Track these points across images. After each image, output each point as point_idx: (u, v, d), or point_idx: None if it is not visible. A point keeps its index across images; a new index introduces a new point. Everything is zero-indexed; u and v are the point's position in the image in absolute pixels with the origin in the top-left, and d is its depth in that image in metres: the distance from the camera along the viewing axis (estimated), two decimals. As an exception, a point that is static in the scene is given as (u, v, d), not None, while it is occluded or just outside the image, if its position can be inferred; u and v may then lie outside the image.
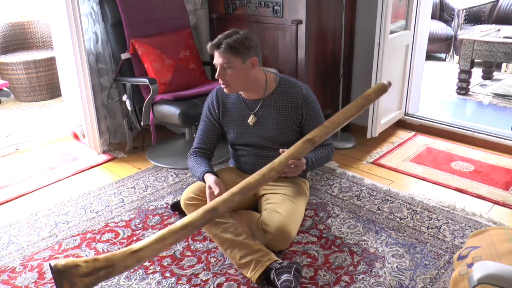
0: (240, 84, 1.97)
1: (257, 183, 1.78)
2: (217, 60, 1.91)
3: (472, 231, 2.11)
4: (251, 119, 2.07)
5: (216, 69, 1.94)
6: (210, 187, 1.88)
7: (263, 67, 2.09)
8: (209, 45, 1.93)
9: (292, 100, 2.04)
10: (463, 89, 4.39)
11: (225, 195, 1.75)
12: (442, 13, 5.88)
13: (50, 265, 1.44)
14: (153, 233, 2.15)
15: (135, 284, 1.83)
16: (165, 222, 2.26)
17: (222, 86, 1.98)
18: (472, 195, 2.50)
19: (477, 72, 4.77)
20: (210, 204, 1.72)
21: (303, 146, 1.84)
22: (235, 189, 1.75)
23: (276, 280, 1.72)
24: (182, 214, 2.22)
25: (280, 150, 1.86)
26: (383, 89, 1.94)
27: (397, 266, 1.90)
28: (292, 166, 1.83)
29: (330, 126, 1.89)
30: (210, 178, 1.91)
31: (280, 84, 2.06)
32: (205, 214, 1.68)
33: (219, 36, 1.91)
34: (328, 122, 1.89)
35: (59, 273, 1.42)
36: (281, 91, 2.05)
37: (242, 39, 1.88)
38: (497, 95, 4.31)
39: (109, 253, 1.55)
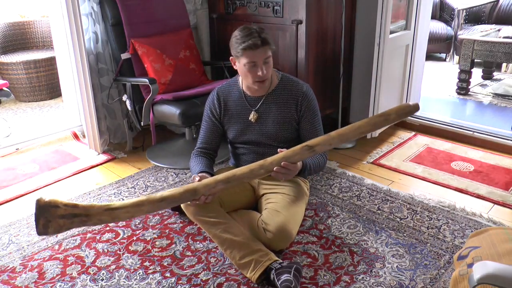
0: (270, 74, 2.01)
1: (243, 176, 1.78)
2: (259, 57, 1.91)
3: (472, 231, 2.11)
4: (252, 116, 2.08)
5: (252, 66, 1.92)
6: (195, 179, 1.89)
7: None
8: (250, 44, 1.88)
9: (293, 97, 2.06)
10: (463, 89, 4.39)
11: (209, 179, 1.79)
12: (442, 13, 5.88)
13: (36, 199, 1.56)
14: (153, 233, 2.17)
15: (135, 284, 1.83)
16: (165, 222, 2.26)
17: (260, 83, 1.97)
18: (472, 195, 2.50)
19: (477, 72, 4.77)
20: (192, 184, 1.78)
21: (300, 151, 1.79)
22: (220, 176, 1.78)
23: (276, 280, 1.72)
24: (182, 214, 2.22)
25: (279, 150, 1.84)
26: (407, 111, 1.77)
27: (397, 266, 1.90)
28: (284, 168, 1.78)
29: (336, 137, 1.77)
30: (196, 177, 1.92)
31: (282, 81, 2.09)
32: (185, 192, 1.73)
33: (254, 34, 1.89)
34: (335, 133, 1.78)
35: (39, 208, 1.54)
36: (283, 88, 2.08)
37: (267, 32, 1.97)
38: (497, 95, 4.31)
39: (89, 204, 1.66)
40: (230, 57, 2.05)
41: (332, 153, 2.96)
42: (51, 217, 1.54)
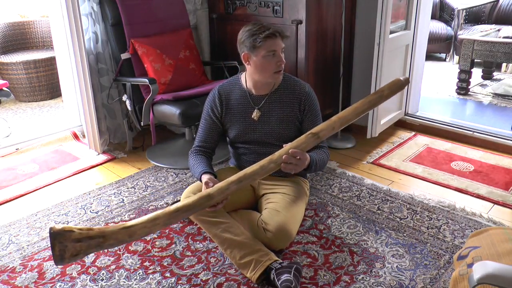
0: None
1: (255, 173, 1.78)
2: (278, 46, 1.95)
3: (472, 231, 2.11)
4: (255, 114, 2.08)
5: (273, 55, 1.94)
6: (207, 184, 1.88)
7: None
8: (271, 32, 1.91)
9: (295, 96, 2.07)
10: (463, 89, 4.39)
11: (221, 183, 1.78)
12: (442, 13, 5.88)
13: (50, 227, 1.51)
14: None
15: (135, 284, 1.83)
16: (165, 222, 2.26)
17: (278, 72, 1.99)
18: (472, 195, 2.50)
19: (477, 72, 4.77)
20: (206, 190, 1.77)
21: (306, 140, 1.82)
22: (232, 178, 1.77)
23: (276, 280, 1.72)
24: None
25: (284, 145, 1.85)
26: (399, 85, 1.87)
27: (397, 266, 1.90)
28: (295, 157, 1.77)
29: (337, 121, 1.85)
30: (205, 177, 1.93)
31: (284, 80, 2.10)
32: (200, 200, 1.72)
33: (267, 26, 1.94)
34: (336, 117, 1.85)
35: (53, 235, 1.49)
36: (286, 87, 2.09)
37: None
38: (497, 95, 4.31)
39: (104, 227, 1.61)
40: (243, 54, 2.00)
41: (332, 153, 2.96)
42: (66, 241, 1.49)
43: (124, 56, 2.89)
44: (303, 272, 1.83)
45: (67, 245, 1.49)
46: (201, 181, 1.97)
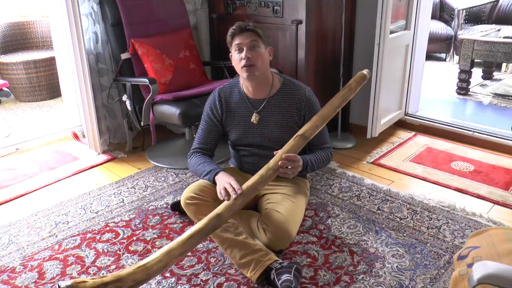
0: (263, 68, 1.98)
1: (257, 184, 1.80)
2: (244, 41, 1.93)
3: (472, 231, 2.11)
4: (254, 118, 2.07)
5: (238, 53, 1.95)
6: (230, 184, 1.80)
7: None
8: (233, 30, 1.95)
9: (295, 102, 2.05)
10: (463, 89, 4.39)
11: (227, 202, 1.76)
12: (442, 13, 5.88)
13: (58, 285, 1.44)
14: (153, 233, 2.17)
15: (135, 284, 1.83)
16: (165, 222, 2.26)
17: (247, 68, 1.94)
18: (472, 195, 2.50)
19: (477, 72, 4.77)
20: (214, 211, 1.73)
21: (295, 143, 1.87)
22: (245, 188, 1.78)
23: (276, 280, 1.72)
24: (182, 214, 2.23)
25: (274, 152, 1.88)
26: (364, 78, 2.01)
27: (397, 266, 1.90)
28: (289, 161, 1.83)
29: (318, 120, 1.93)
30: (225, 177, 1.87)
31: (284, 85, 2.07)
32: (210, 221, 1.69)
33: (240, 23, 1.96)
34: (316, 117, 1.94)
35: None
36: (285, 92, 2.06)
37: (262, 27, 1.99)
38: (497, 95, 4.31)
39: (118, 271, 1.57)
40: (230, 54, 2.05)
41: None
42: None
43: (124, 56, 2.88)
44: (303, 272, 1.83)
45: None
46: (213, 179, 1.93)
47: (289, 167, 1.84)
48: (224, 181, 1.83)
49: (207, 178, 1.97)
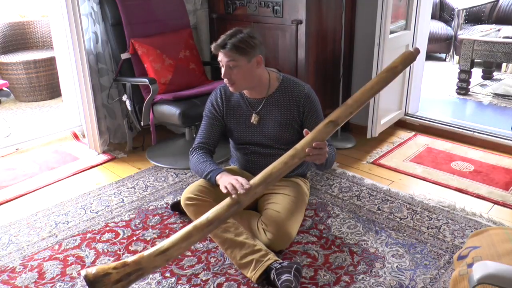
0: (246, 83, 1.97)
1: (280, 172, 1.71)
2: (223, 59, 1.91)
3: (472, 231, 2.11)
4: (254, 118, 2.07)
5: (221, 68, 1.94)
6: (237, 180, 1.74)
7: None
8: (213, 45, 1.92)
9: (294, 99, 2.04)
10: (463, 89, 4.39)
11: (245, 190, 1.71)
12: (442, 13, 5.88)
13: (82, 274, 1.48)
14: (153, 233, 2.17)
15: (135, 284, 1.83)
16: (165, 222, 2.26)
17: (228, 85, 1.97)
18: (472, 195, 2.50)
19: (477, 72, 4.77)
20: (234, 198, 1.69)
21: (325, 130, 1.71)
22: (256, 180, 1.71)
23: (276, 280, 1.72)
24: (182, 214, 2.22)
25: (304, 132, 1.76)
26: (411, 57, 1.74)
27: (397, 266, 1.90)
28: (316, 148, 1.70)
29: (354, 105, 1.71)
30: (229, 175, 1.84)
31: (282, 83, 2.07)
32: (229, 207, 1.67)
33: (223, 36, 1.90)
34: (351, 100, 1.72)
35: (91, 283, 1.46)
36: (284, 90, 2.06)
37: (247, 38, 1.88)
38: (497, 95, 4.31)
39: (137, 256, 1.58)
40: None
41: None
42: (107, 286, 1.47)
43: (124, 56, 2.89)
44: (303, 272, 1.83)
45: None
46: (212, 181, 1.91)
47: (316, 154, 1.72)
48: (230, 178, 1.77)
49: (208, 179, 1.96)
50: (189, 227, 1.64)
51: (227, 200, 1.70)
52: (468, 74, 4.34)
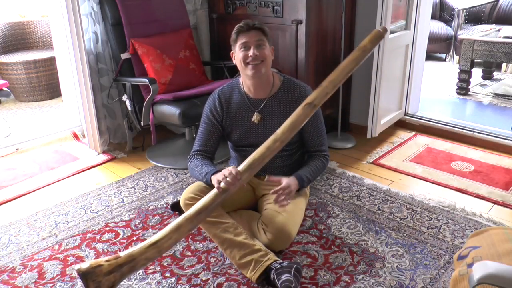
0: (268, 64, 2.01)
1: (263, 157, 1.76)
2: (251, 39, 1.95)
3: (472, 231, 2.11)
4: (255, 117, 2.07)
5: (246, 49, 1.95)
6: (230, 172, 1.76)
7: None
8: (240, 27, 1.97)
9: (295, 100, 2.04)
10: (463, 89, 4.39)
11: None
12: (442, 13, 5.88)
13: (75, 268, 1.50)
14: (154, 233, 2.16)
15: (135, 284, 1.83)
16: (165, 222, 2.26)
17: (256, 64, 1.95)
18: (472, 195, 2.50)
19: (477, 72, 4.77)
20: (221, 185, 1.74)
21: (304, 112, 1.79)
22: (242, 167, 1.76)
23: (276, 280, 1.72)
24: (182, 214, 2.22)
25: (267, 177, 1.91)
26: (379, 36, 1.80)
27: (397, 266, 1.90)
28: (281, 192, 1.84)
29: (329, 86, 1.80)
30: (220, 173, 1.86)
31: (284, 84, 2.08)
32: (216, 197, 1.72)
33: (245, 21, 1.98)
34: (326, 82, 1.80)
35: (83, 275, 1.48)
36: (285, 91, 2.07)
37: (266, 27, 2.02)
38: (497, 95, 4.31)
39: (129, 249, 1.60)
40: (231, 52, 2.06)
41: (332, 153, 2.96)
42: (99, 277, 1.49)
43: (124, 56, 2.89)
44: (303, 272, 1.83)
45: (100, 280, 1.49)
46: (209, 181, 1.92)
47: (284, 194, 1.85)
48: (219, 174, 1.81)
49: (205, 181, 1.97)
50: (179, 218, 1.68)
51: (215, 189, 1.75)
52: (468, 74, 4.34)
